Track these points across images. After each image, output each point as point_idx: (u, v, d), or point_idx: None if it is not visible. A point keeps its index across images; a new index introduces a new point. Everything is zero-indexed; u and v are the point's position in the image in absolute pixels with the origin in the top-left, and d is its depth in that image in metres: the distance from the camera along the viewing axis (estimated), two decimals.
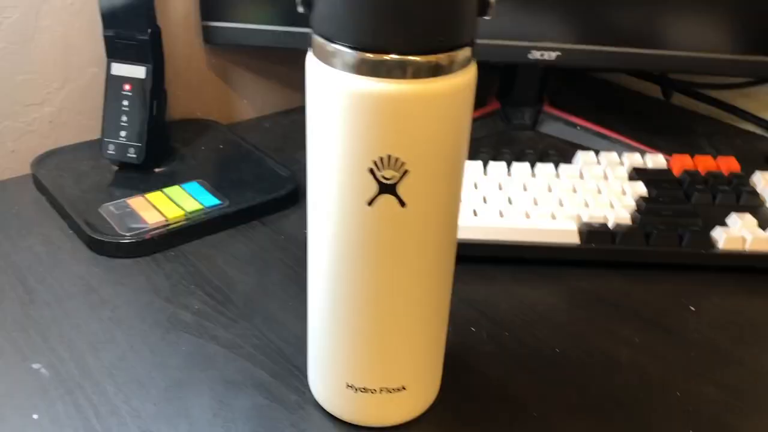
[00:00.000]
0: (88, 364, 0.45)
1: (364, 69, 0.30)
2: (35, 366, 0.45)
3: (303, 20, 0.71)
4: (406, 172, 0.31)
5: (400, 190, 0.32)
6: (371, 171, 0.31)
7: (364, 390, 0.39)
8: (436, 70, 0.30)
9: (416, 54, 0.30)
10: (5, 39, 0.61)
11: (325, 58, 0.31)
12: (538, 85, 0.79)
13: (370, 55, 0.30)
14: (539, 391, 0.45)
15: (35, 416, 0.41)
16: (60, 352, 0.46)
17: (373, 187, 0.32)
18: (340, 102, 0.31)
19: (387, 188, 0.32)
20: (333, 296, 0.36)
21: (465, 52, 0.31)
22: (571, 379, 0.46)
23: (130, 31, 0.60)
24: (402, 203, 0.32)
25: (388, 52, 0.29)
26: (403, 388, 0.39)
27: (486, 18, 0.32)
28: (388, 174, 0.31)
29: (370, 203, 0.32)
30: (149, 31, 0.60)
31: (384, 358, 0.38)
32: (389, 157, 0.31)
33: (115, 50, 0.62)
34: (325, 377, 0.40)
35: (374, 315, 0.36)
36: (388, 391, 0.39)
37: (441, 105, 0.31)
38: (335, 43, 0.30)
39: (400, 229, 0.33)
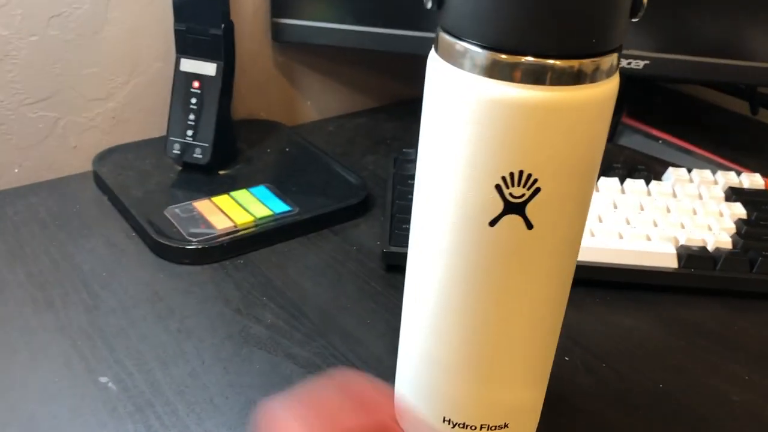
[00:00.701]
0: (158, 379, 0.42)
1: (496, 72, 0.26)
2: (103, 380, 0.42)
3: (373, 19, 0.68)
4: (537, 190, 0.27)
5: (529, 210, 0.28)
6: (498, 187, 0.28)
7: (464, 426, 0.35)
8: (578, 77, 0.26)
9: (557, 57, 0.26)
10: (74, 30, 0.59)
11: (452, 58, 0.27)
12: (619, 95, 0.75)
13: (503, 56, 0.26)
14: (645, 431, 0.41)
15: None
16: (127, 365, 0.43)
17: (499, 206, 0.28)
18: (467, 108, 0.27)
19: (514, 207, 0.28)
20: (438, 323, 0.33)
21: (611, 59, 0.27)
22: (678, 419, 0.42)
23: (202, 25, 0.58)
24: (529, 225, 0.28)
25: (525, 54, 0.26)
26: (506, 426, 0.35)
27: (635, 20, 0.28)
28: (517, 192, 0.27)
29: (492, 223, 0.29)
30: (223, 26, 0.58)
31: (490, 392, 0.34)
32: (521, 172, 0.27)
33: (186, 45, 0.59)
34: (419, 408, 0.36)
35: (485, 345, 0.32)
36: (490, 428, 0.35)
37: (581, 117, 0.27)
38: (465, 41, 0.27)
39: (523, 253, 0.29)
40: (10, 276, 0.50)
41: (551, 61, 0.26)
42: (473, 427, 0.35)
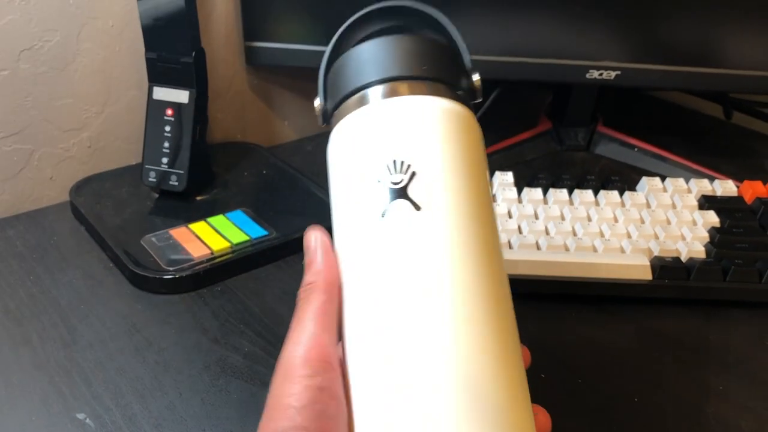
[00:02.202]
0: (135, 413, 0.42)
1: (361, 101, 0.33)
2: (80, 416, 0.42)
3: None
4: (413, 174, 0.30)
5: (411, 193, 0.29)
6: (380, 181, 0.30)
7: None
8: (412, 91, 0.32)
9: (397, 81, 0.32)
10: (46, 63, 0.59)
11: (343, 114, 0.33)
12: (594, 105, 0.75)
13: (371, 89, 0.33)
14: None
15: None
16: (105, 400, 0.43)
17: (386, 195, 0.30)
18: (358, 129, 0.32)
19: (398, 193, 0.30)
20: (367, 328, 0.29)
21: (437, 86, 0.32)
22: None
23: (173, 53, 0.58)
24: (417, 207, 0.29)
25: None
26: None
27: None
28: (397, 178, 0.30)
29: (384, 214, 0.29)
30: (193, 53, 0.58)
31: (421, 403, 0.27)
32: (394, 161, 0.30)
33: (158, 74, 0.59)
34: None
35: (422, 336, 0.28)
36: None
37: (425, 117, 0.31)
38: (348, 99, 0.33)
39: (422, 235, 0.29)
40: None
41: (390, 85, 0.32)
42: None
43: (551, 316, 0.51)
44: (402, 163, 0.30)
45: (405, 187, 0.29)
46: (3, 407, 0.42)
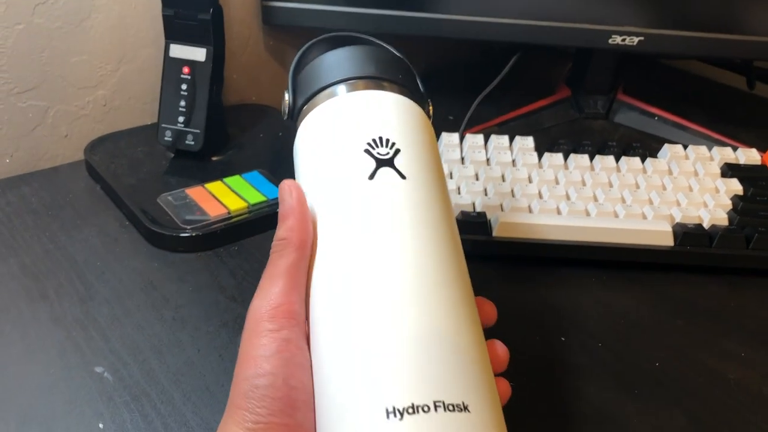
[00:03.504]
0: (153, 368, 0.42)
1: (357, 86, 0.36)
2: (98, 370, 0.42)
3: (364, 0, 0.67)
4: (397, 150, 0.33)
5: (397, 164, 0.33)
6: (367, 151, 0.33)
7: (413, 410, 0.26)
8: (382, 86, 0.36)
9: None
10: (61, 18, 0.58)
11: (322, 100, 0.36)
12: (614, 72, 0.74)
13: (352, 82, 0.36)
14: (641, 412, 0.41)
15: (101, 425, 0.38)
16: (123, 355, 0.43)
17: (372, 162, 0.33)
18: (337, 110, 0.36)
19: (384, 162, 0.33)
20: (347, 288, 0.29)
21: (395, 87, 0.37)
22: (675, 398, 0.42)
23: (190, 10, 0.57)
24: (402, 176, 0.32)
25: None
26: (465, 408, 0.26)
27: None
28: (383, 151, 0.33)
29: (371, 177, 0.32)
30: (211, 10, 0.57)
31: (420, 353, 0.27)
32: (380, 137, 0.33)
33: (174, 31, 0.58)
34: (356, 415, 0.27)
35: (399, 296, 0.29)
36: (446, 407, 0.26)
37: (399, 107, 0.36)
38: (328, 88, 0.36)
39: (406, 200, 0.32)
40: (4, 268, 0.50)
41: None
42: (425, 408, 0.26)
43: (572, 281, 0.51)
44: (387, 140, 0.33)
45: (391, 159, 0.33)
46: (21, 360, 0.42)
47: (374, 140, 0.33)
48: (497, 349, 0.32)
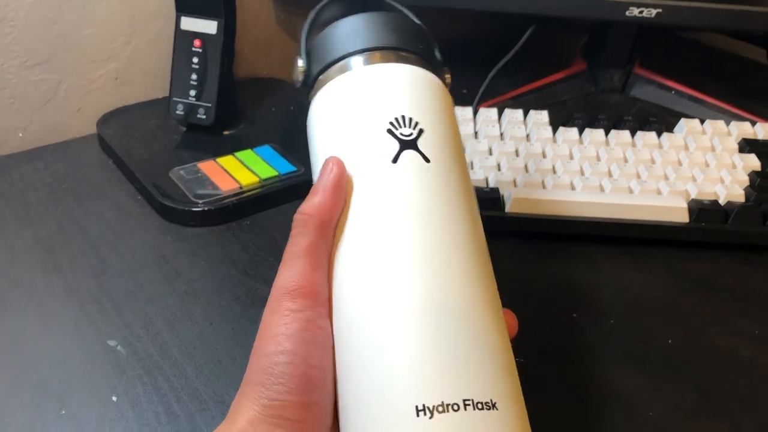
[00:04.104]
0: (166, 342, 0.42)
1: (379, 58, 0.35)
2: (111, 343, 0.42)
3: None
4: (421, 131, 0.32)
5: (421, 147, 0.32)
6: (390, 131, 0.32)
7: (443, 409, 0.25)
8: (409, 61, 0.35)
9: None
10: None
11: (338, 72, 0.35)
12: (631, 45, 0.73)
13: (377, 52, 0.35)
14: (653, 389, 0.41)
15: (114, 398, 0.39)
16: (136, 329, 0.43)
17: (395, 144, 0.32)
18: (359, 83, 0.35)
19: (408, 144, 0.32)
20: (371, 274, 0.29)
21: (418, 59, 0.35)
22: (687, 375, 0.42)
23: None
24: (426, 159, 0.31)
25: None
26: (494, 405, 0.26)
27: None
28: (407, 132, 0.32)
29: (395, 160, 0.31)
30: None
31: (451, 349, 0.27)
32: (403, 117, 0.32)
33: (185, 3, 0.58)
34: (385, 411, 0.26)
35: (428, 286, 0.28)
36: (475, 405, 0.25)
37: (424, 84, 0.34)
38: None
39: (431, 183, 0.31)
40: (18, 241, 0.50)
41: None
42: (455, 407, 0.25)
43: (585, 257, 0.51)
44: (410, 120, 0.32)
45: (415, 140, 0.31)
46: (36, 333, 0.43)
47: (397, 120, 0.32)
48: (507, 320, 0.32)
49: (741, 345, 0.44)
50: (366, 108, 0.33)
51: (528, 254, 0.51)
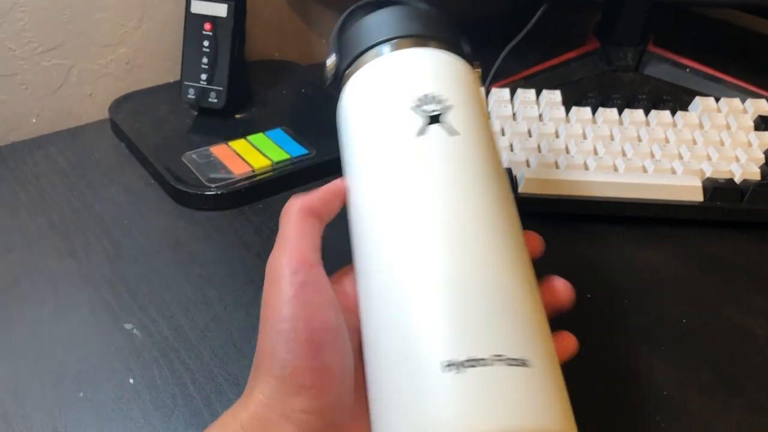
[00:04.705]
0: (181, 325, 0.43)
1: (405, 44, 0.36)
2: (127, 326, 0.43)
3: None
4: (449, 106, 0.32)
5: (449, 120, 0.32)
6: (416, 107, 0.33)
7: (471, 364, 0.25)
8: (423, 43, 0.36)
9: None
10: None
11: (365, 61, 0.36)
12: (644, 23, 0.72)
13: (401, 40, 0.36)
14: (668, 366, 0.41)
15: (131, 381, 0.39)
16: (151, 312, 0.44)
17: (420, 119, 0.32)
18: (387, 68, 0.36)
19: (434, 119, 0.32)
20: (398, 243, 0.29)
21: (436, 41, 0.36)
22: (702, 353, 0.41)
23: None
24: (453, 131, 0.32)
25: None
26: (523, 363, 0.26)
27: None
28: (430, 108, 0.32)
29: (420, 133, 0.32)
30: None
31: (478, 302, 0.27)
32: (427, 94, 0.33)
33: None
34: (412, 367, 0.26)
35: (454, 251, 0.28)
36: (505, 361, 0.25)
37: (446, 63, 0.35)
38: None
39: (459, 156, 0.31)
40: (33, 226, 0.51)
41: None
42: (483, 361, 0.25)
43: (598, 237, 0.50)
44: (435, 97, 0.33)
45: (439, 116, 0.32)
46: (52, 316, 0.43)
47: (423, 98, 0.33)
48: (556, 285, 0.33)
49: (756, 323, 0.44)
50: (392, 89, 0.34)
51: (541, 234, 0.51)
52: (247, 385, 0.29)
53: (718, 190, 0.50)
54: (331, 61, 0.39)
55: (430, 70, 0.34)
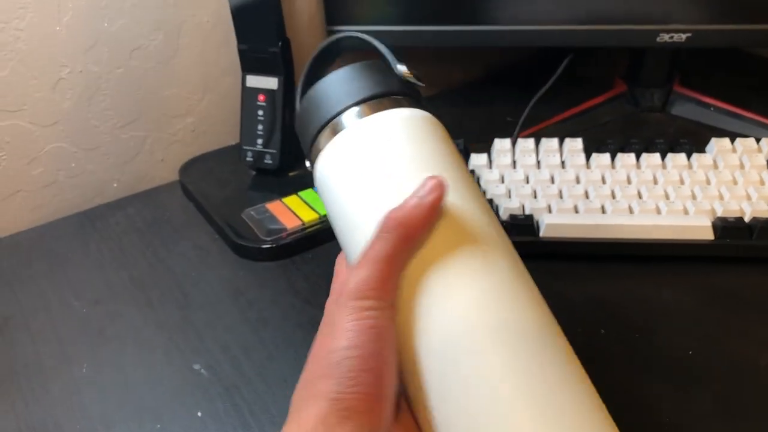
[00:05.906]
0: (241, 364, 0.50)
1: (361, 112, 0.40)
2: (196, 366, 0.50)
3: (425, 19, 0.72)
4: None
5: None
6: None
7: None
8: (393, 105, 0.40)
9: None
10: (153, 59, 0.67)
11: (335, 131, 0.40)
12: (669, 65, 0.76)
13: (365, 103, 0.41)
14: (672, 396, 0.44)
15: (199, 414, 0.46)
16: (215, 353, 0.51)
17: None
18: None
19: None
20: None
21: (385, 102, 0.40)
22: (706, 384, 0.45)
23: (262, 44, 0.64)
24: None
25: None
26: None
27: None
28: None
29: None
30: (279, 43, 0.64)
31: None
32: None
33: (249, 63, 0.66)
34: None
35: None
36: None
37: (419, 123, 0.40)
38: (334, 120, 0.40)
39: (456, 219, 0.35)
40: (116, 279, 0.59)
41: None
42: None
43: (613, 277, 0.54)
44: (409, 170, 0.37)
45: None
46: (133, 358, 0.51)
47: (393, 171, 0.36)
48: None
49: (761, 355, 0.47)
50: (368, 165, 0.37)
51: (560, 274, 0.55)
52: (293, 404, 0.31)
53: (727, 228, 0.54)
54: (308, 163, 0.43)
55: (394, 141, 0.37)
